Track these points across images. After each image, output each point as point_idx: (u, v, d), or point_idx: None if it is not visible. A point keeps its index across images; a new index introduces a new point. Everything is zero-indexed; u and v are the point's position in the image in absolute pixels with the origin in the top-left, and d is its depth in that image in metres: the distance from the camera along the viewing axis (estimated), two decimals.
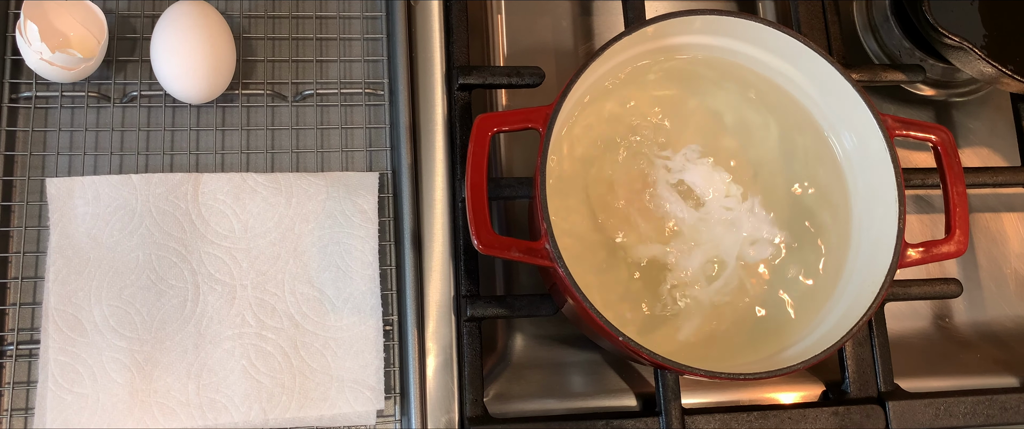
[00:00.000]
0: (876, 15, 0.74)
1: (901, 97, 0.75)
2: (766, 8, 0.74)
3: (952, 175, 0.57)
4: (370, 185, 0.63)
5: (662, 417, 0.60)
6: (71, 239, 0.58)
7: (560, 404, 0.63)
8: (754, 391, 0.65)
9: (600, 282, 0.56)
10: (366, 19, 0.68)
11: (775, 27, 0.57)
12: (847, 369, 0.64)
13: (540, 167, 0.52)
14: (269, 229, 0.60)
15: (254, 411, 0.57)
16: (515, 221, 0.68)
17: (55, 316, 0.56)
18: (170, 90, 0.61)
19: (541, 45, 0.72)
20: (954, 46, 0.64)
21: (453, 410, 0.59)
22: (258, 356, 0.58)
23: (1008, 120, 0.75)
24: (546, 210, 0.51)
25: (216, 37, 0.60)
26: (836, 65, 0.56)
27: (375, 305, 0.60)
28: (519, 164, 0.69)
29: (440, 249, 0.62)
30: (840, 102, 0.58)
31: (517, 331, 0.66)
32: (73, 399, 0.55)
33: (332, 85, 0.66)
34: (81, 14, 0.61)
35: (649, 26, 0.56)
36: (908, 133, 0.57)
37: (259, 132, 0.64)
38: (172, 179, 0.60)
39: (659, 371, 0.61)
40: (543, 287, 0.64)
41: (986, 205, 0.74)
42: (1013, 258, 0.73)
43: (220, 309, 0.58)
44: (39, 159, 0.62)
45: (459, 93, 0.64)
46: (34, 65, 0.59)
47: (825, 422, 0.61)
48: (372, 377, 0.59)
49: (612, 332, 0.50)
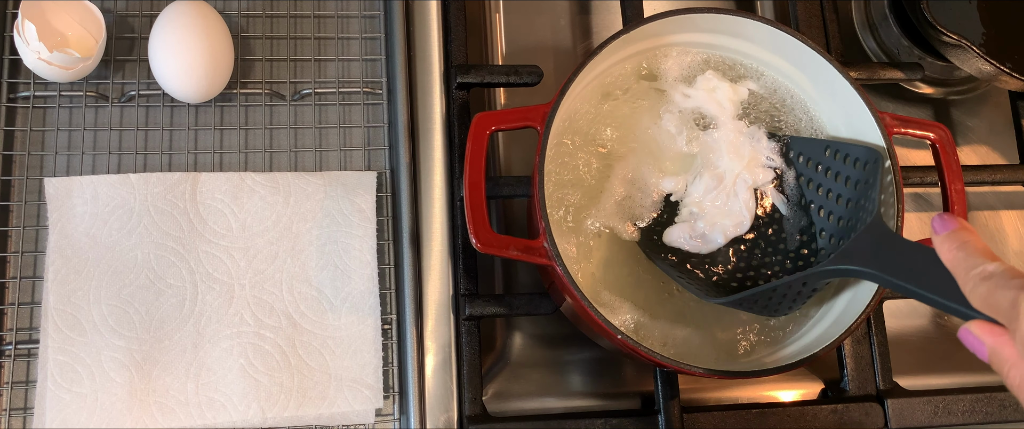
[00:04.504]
0: (874, 13, 0.74)
1: (900, 95, 0.75)
2: (764, 6, 0.74)
3: (950, 173, 0.57)
4: (368, 184, 0.63)
5: (661, 415, 0.60)
6: (70, 238, 0.58)
7: (559, 403, 0.63)
8: (753, 389, 0.65)
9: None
10: (364, 18, 0.68)
11: (773, 25, 0.57)
12: (846, 367, 0.64)
13: (538, 165, 0.52)
14: (267, 228, 0.60)
15: (252, 410, 0.57)
16: (514, 220, 0.68)
17: (54, 315, 0.56)
18: (168, 89, 0.61)
19: (539, 44, 0.72)
20: (953, 44, 0.64)
21: (452, 409, 0.59)
22: (256, 355, 0.58)
23: (1007, 118, 0.75)
24: (544, 208, 0.51)
25: (214, 36, 0.60)
26: (834, 63, 0.56)
27: (373, 304, 0.60)
28: (517, 163, 0.69)
29: (439, 248, 0.62)
30: (839, 100, 0.58)
31: (516, 330, 0.66)
32: (72, 398, 0.55)
33: (330, 84, 0.66)
34: (79, 14, 0.61)
35: (647, 24, 0.56)
36: (907, 131, 0.57)
37: (257, 131, 0.64)
38: (170, 178, 0.60)
39: (658, 369, 0.61)
40: (542, 286, 0.64)
41: (985, 203, 0.74)
42: (1012, 256, 0.73)
43: (218, 308, 0.58)
44: (37, 159, 0.62)
45: (457, 92, 0.64)
46: (32, 65, 0.59)
47: (824, 420, 0.61)
48: (371, 376, 0.59)
49: (611, 330, 0.50)
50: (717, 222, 0.57)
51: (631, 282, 0.57)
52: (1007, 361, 0.39)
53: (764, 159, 0.58)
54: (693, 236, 0.57)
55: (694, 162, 0.58)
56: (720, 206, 0.57)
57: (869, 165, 0.54)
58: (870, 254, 0.47)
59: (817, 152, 0.57)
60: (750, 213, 0.57)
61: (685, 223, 0.57)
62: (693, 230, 0.57)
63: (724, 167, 0.57)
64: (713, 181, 0.57)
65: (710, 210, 0.57)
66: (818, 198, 0.57)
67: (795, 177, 0.58)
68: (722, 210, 0.57)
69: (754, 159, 0.58)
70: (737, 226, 0.57)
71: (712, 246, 0.57)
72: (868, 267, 0.46)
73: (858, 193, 0.54)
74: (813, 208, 0.58)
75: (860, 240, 0.49)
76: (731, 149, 0.57)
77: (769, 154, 0.58)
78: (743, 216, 0.57)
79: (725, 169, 0.57)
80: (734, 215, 0.57)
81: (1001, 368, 0.39)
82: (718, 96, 0.59)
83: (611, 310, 0.55)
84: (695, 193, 0.57)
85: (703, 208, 0.57)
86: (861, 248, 0.48)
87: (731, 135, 0.58)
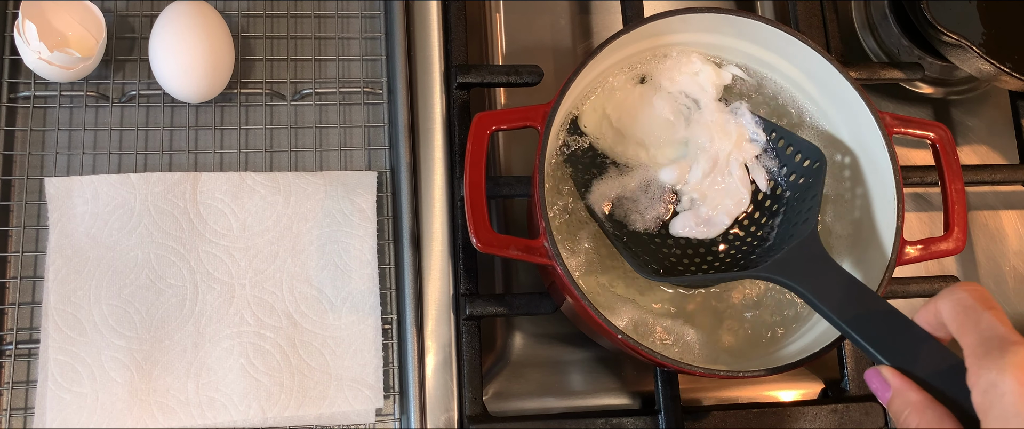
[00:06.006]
0: (874, 13, 0.74)
1: (899, 95, 0.75)
2: (764, 6, 0.74)
3: (950, 172, 0.57)
4: (368, 184, 0.63)
5: (661, 415, 0.60)
6: (70, 238, 0.58)
7: (559, 402, 0.63)
8: (753, 389, 0.65)
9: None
10: (364, 18, 0.68)
11: (773, 25, 0.57)
12: (846, 367, 0.64)
13: (539, 165, 0.52)
14: (268, 228, 0.60)
15: (253, 410, 0.57)
16: (514, 219, 0.68)
17: (54, 315, 0.56)
18: (168, 89, 0.61)
19: (539, 44, 0.72)
20: (953, 44, 0.64)
21: (452, 409, 0.59)
22: (257, 355, 0.58)
23: (1006, 117, 0.75)
24: (545, 208, 0.51)
25: (214, 36, 0.60)
26: (834, 63, 0.56)
27: (374, 304, 0.60)
28: (518, 162, 0.69)
29: (439, 247, 0.62)
30: (838, 100, 0.58)
31: (516, 329, 0.66)
32: (72, 398, 0.55)
33: (330, 84, 0.66)
34: (79, 13, 0.61)
35: (647, 24, 0.56)
36: (907, 131, 0.57)
37: (257, 131, 0.64)
38: (171, 178, 0.60)
39: (658, 369, 0.61)
40: (542, 285, 0.64)
41: (985, 202, 0.74)
42: (1011, 255, 0.73)
43: (219, 308, 0.58)
44: (38, 158, 0.62)
45: (458, 92, 0.64)
46: (32, 64, 0.59)
47: (824, 420, 0.61)
48: (371, 376, 0.59)
49: (611, 330, 0.50)
50: (719, 204, 0.57)
51: (631, 281, 0.57)
52: (909, 404, 0.40)
53: (749, 134, 0.58)
54: (698, 223, 0.57)
55: (686, 149, 0.58)
56: (719, 188, 0.57)
57: (818, 165, 0.55)
58: (803, 273, 0.49)
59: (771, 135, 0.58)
60: (747, 189, 0.57)
61: (688, 211, 0.57)
62: (697, 217, 0.57)
63: (716, 148, 0.57)
64: (708, 164, 0.57)
65: (710, 194, 0.57)
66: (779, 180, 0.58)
67: (773, 158, 0.59)
68: (722, 191, 0.57)
69: (741, 135, 0.58)
70: (738, 204, 0.57)
71: (719, 228, 0.57)
72: (801, 286, 0.48)
73: (804, 193, 0.56)
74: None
75: (795, 255, 0.50)
76: (718, 129, 0.58)
77: (753, 128, 0.58)
78: (741, 193, 0.57)
79: (717, 150, 0.57)
80: (734, 194, 0.57)
81: (900, 412, 0.40)
82: (701, 80, 0.59)
83: (611, 310, 0.55)
84: (693, 179, 0.57)
85: (703, 193, 0.57)
86: (796, 264, 0.49)
87: (716, 115, 0.58)
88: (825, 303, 0.46)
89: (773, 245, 0.56)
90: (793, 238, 0.53)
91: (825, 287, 0.47)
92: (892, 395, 0.41)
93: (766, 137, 0.58)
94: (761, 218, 0.58)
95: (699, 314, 0.57)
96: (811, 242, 0.51)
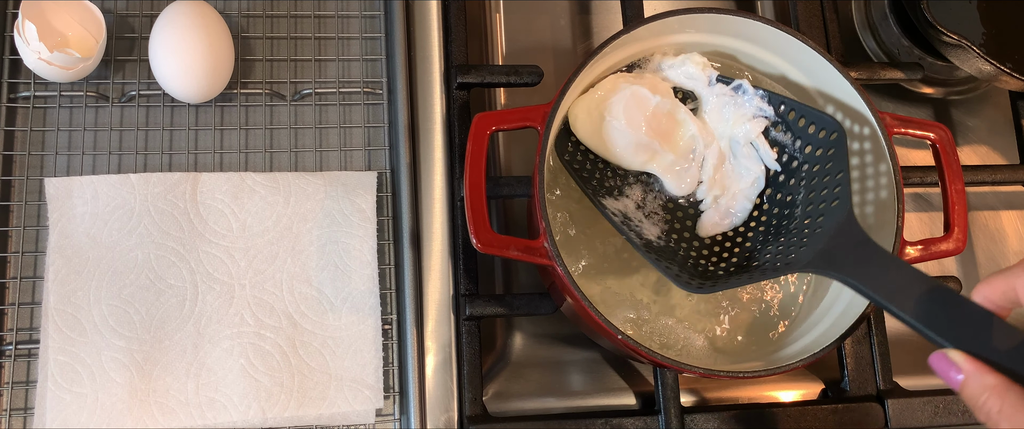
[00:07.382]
0: (875, 13, 0.74)
1: (900, 95, 0.75)
2: (764, 6, 0.74)
3: (951, 173, 0.57)
4: (368, 184, 0.63)
5: (661, 416, 0.60)
6: (70, 239, 0.58)
7: (559, 403, 0.63)
8: (753, 389, 0.65)
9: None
10: (364, 18, 0.68)
11: (774, 25, 0.57)
12: (846, 367, 0.64)
13: (539, 165, 0.52)
14: (267, 228, 0.60)
15: (253, 410, 0.57)
16: (514, 220, 0.68)
17: (54, 316, 0.56)
18: (168, 89, 0.61)
19: (539, 44, 0.72)
20: (953, 44, 0.64)
21: (452, 409, 0.59)
22: (257, 355, 0.58)
23: (1007, 118, 0.75)
24: (545, 208, 0.51)
25: (214, 36, 0.60)
26: (834, 63, 0.56)
27: (374, 304, 0.60)
28: (518, 163, 0.69)
29: (439, 248, 0.62)
30: (839, 100, 0.57)
31: (516, 330, 0.66)
32: (72, 399, 0.55)
33: (330, 84, 0.66)
34: (79, 14, 0.61)
35: (647, 24, 0.56)
36: (907, 131, 0.57)
37: (257, 131, 0.64)
38: (170, 178, 0.60)
39: (658, 369, 0.61)
40: (542, 286, 0.64)
41: (985, 203, 0.74)
42: (1012, 256, 0.73)
43: (219, 308, 0.58)
44: (38, 159, 0.62)
45: (458, 92, 0.64)
46: (32, 65, 0.59)
47: (824, 420, 0.61)
48: (371, 376, 0.59)
49: (611, 330, 0.50)
50: (737, 191, 0.57)
51: (632, 281, 0.57)
52: (987, 387, 0.38)
53: (755, 110, 0.57)
54: (722, 217, 0.57)
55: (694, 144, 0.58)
56: (733, 173, 0.57)
57: (836, 136, 0.53)
58: (852, 263, 0.47)
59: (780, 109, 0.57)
60: (759, 166, 0.57)
61: (711, 209, 0.57)
62: (719, 211, 0.57)
63: (720, 132, 0.57)
64: (716, 157, 0.57)
65: (726, 182, 0.57)
66: (793, 159, 0.57)
67: (784, 131, 0.57)
68: (734, 176, 0.57)
69: (743, 114, 0.57)
70: (754, 183, 0.57)
71: (743, 214, 0.57)
72: (853, 278, 0.46)
73: (823, 167, 0.54)
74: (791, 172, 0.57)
75: (839, 244, 0.48)
76: (717, 113, 0.57)
77: (758, 103, 0.57)
78: (755, 171, 0.57)
79: (721, 134, 0.57)
80: (748, 174, 0.57)
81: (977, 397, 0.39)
82: (686, 69, 0.58)
83: (611, 310, 0.55)
84: (706, 176, 0.57)
85: (722, 185, 0.57)
86: (842, 254, 0.48)
87: (714, 98, 0.58)
88: (880, 293, 0.44)
89: (801, 224, 0.54)
90: (823, 215, 0.52)
91: (876, 275, 0.45)
92: (965, 379, 0.39)
93: (773, 110, 0.57)
94: (785, 197, 0.56)
95: (700, 314, 0.57)
96: (850, 226, 0.49)
